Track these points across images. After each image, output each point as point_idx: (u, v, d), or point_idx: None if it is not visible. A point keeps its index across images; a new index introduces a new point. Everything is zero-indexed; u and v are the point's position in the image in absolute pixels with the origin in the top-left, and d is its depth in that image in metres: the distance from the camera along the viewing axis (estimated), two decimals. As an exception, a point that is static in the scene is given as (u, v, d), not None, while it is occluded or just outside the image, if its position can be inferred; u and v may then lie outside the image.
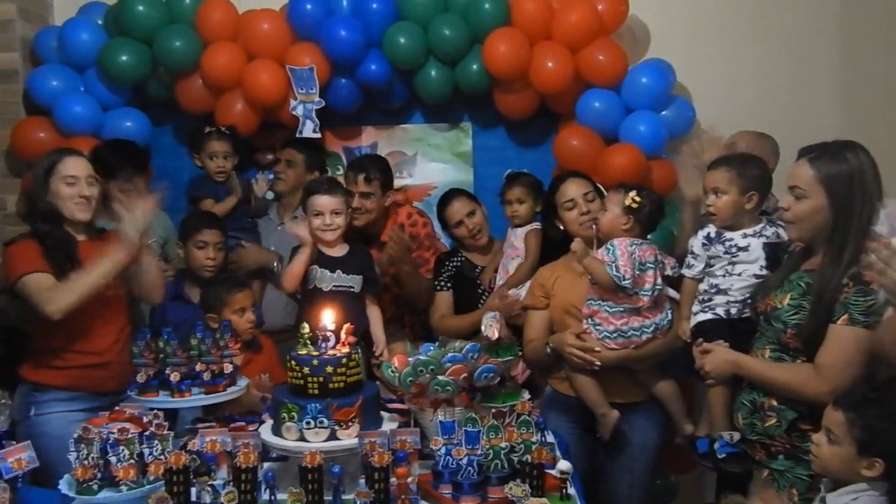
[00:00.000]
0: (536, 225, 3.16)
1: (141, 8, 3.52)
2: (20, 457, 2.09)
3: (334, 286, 2.92)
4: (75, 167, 2.63)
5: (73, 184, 2.60)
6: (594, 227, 2.71)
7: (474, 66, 3.54)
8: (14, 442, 2.14)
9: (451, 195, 3.35)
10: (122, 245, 2.53)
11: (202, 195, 3.48)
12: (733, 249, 2.39)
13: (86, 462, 1.93)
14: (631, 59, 3.56)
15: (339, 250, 2.98)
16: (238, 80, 3.53)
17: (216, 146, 3.48)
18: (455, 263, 3.32)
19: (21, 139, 3.58)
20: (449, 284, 3.29)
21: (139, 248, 2.61)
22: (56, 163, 2.61)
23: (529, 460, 1.95)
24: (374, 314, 3.03)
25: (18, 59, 3.69)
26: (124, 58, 3.51)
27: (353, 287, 2.95)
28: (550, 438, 2.35)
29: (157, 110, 3.79)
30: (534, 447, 1.98)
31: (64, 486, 1.96)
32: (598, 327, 2.57)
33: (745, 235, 2.39)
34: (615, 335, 2.55)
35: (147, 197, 2.65)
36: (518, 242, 3.17)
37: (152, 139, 3.74)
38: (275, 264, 3.35)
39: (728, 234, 2.41)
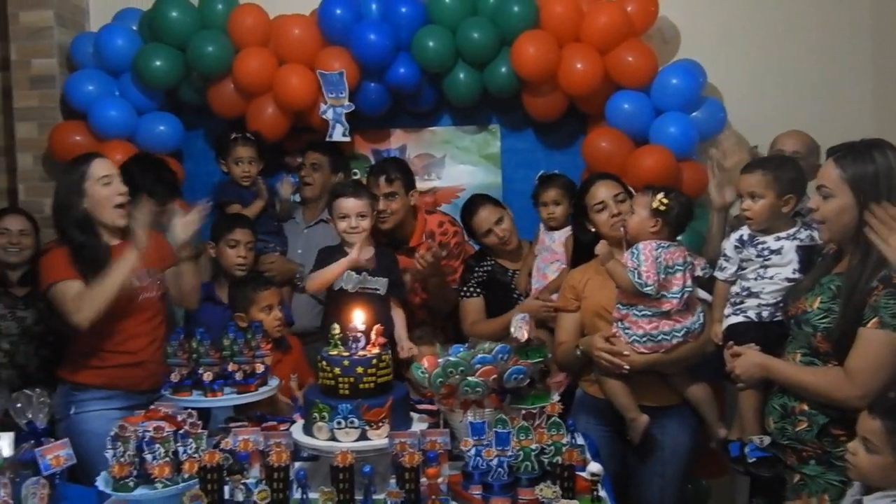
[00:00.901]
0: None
1: (174, 14, 3.58)
2: (59, 454, 2.14)
3: (360, 288, 2.93)
4: (106, 167, 2.69)
5: (109, 183, 2.66)
6: (622, 228, 2.70)
7: (503, 69, 3.55)
8: (53, 440, 2.19)
9: (476, 203, 3.29)
10: (134, 245, 2.58)
11: (229, 200, 3.52)
12: (765, 252, 2.37)
13: (122, 460, 1.96)
14: (660, 60, 3.54)
15: (364, 253, 2.99)
16: (269, 85, 3.57)
17: (241, 151, 3.51)
18: (485, 269, 3.29)
19: (58, 143, 3.65)
20: (479, 290, 3.26)
21: (178, 256, 2.70)
22: (87, 168, 2.66)
23: (560, 462, 1.95)
24: (399, 317, 3.03)
25: (56, 65, 3.77)
26: (158, 63, 3.57)
27: (378, 289, 2.96)
28: (580, 440, 2.35)
29: (189, 114, 3.85)
30: (564, 449, 1.98)
31: (101, 482, 2.00)
32: (627, 331, 2.56)
33: (779, 238, 2.37)
34: (644, 339, 2.54)
35: (193, 210, 2.73)
36: (557, 247, 3.11)
37: (184, 143, 3.81)
38: (298, 275, 3.40)
39: (761, 238, 2.38)
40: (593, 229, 2.86)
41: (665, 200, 2.53)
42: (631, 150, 3.43)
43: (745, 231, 2.43)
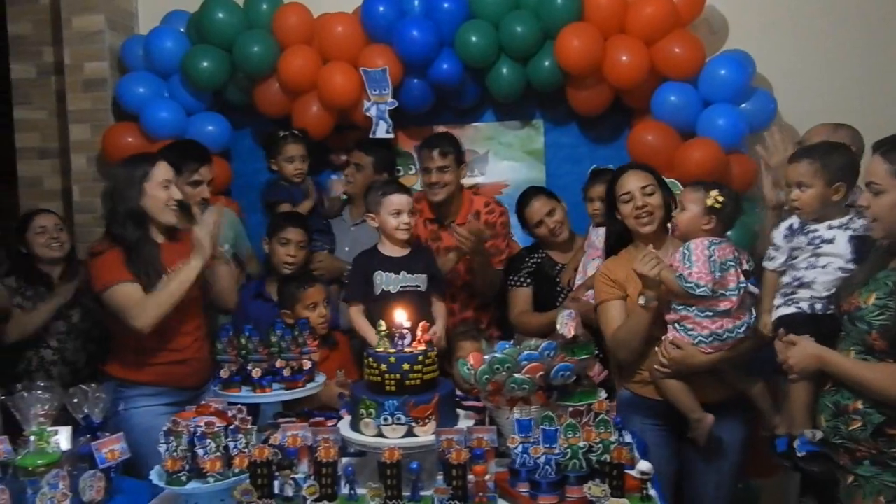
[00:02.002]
0: None
1: (221, 15, 3.64)
2: (114, 448, 2.19)
3: (401, 287, 2.94)
4: (167, 172, 2.74)
5: (168, 187, 2.72)
6: (669, 226, 2.64)
7: (546, 63, 3.53)
8: (108, 434, 2.25)
9: (530, 194, 3.33)
10: (197, 253, 2.63)
11: (278, 199, 3.56)
12: (817, 241, 2.29)
13: (175, 454, 2.00)
14: (707, 51, 3.47)
15: (401, 251, 3.00)
16: (313, 83, 3.61)
17: (292, 149, 3.55)
18: (535, 260, 3.31)
19: (111, 144, 3.74)
20: (528, 280, 3.28)
21: (212, 257, 2.72)
22: (150, 169, 2.71)
23: (609, 460, 1.93)
24: (440, 310, 3.04)
25: (107, 68, 3.86)
26: (205, 64, 3.63)
27: (419, 286, 2.96)
28: (628, 439, 2.31)
29: (236, 114, 3.91)
30: (612, 447, 1.96)
31: (154, 476, 2.04)
32: (690, 332, 2.49)
33: (831, 227, 2.29)
34: (711, 339, 2.47)
35: (218, 205, 2.76)
36: (600, 243, 3.07)
37: (232, 142, 3.87)
38: (345, 273, 3.41)
39: (812, 226, 2.31)
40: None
41: (720, 197, 2.46)
42: (678, 144, 3.37)
43: (794, 219, 2.36)
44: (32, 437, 2.14)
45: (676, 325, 2.53)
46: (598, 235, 3.12)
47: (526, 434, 2.03)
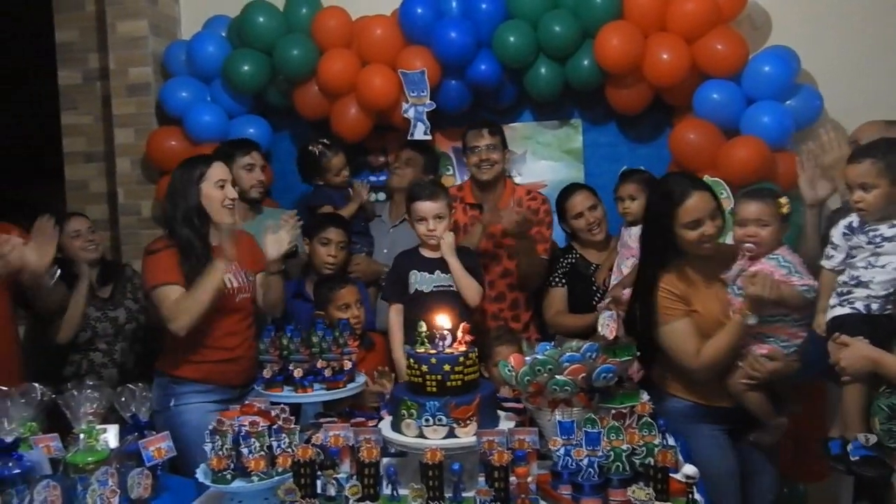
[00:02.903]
0: None
1: (261, 19, 3.68)
2: (160, 446, 2.23)
3: (434, 287, 2.94)
4: (223, 172, 2.80)
5: (223, 186, 2.77)
6: (751, 246, 2.47)
7: (585, 62, 3.50)
8: (154, 432, 2.29)
9: (574, 187, 3.41)
10: (223, 255, 2.66)
11: (320, 203, 3.58)
12: (877, 240, 2.24)
13: (220, 453, 2.03)
14: (750, 47, 3.41)
15: (439, 251, 3.00)
16: (352, 86, 3.63)
17: (337, 162, 3.58)
18: (570, 260, 3.32)
19: (155, 148, 3.82)
20: (563, 281, 3.30)
21: (268, 269, 2.82)
22: (206, 170, 2.77)
23: (653, 463, 1.90)
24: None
25: (151, 73, 3.94)
26: (246, 68, 3.68)
27: (452, 286, 2.96)
28: (671, 442, 2.28)
29: (276, 117, 3.96)
30: (657, 450, 1.93)
31: (200, 474, 2.07)
32: (783, 343, 2.44)
33: (893, 226, 2.23)
34: (797, 347, 2.44)
35: (284, 227, 2.83)
36: (633, 242, 3.08)
37: (272, 144, 3.91)
38: (383, 275, 3.43)
39: (873, 224, 2.26)
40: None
41: (786, 201, 2.42)
42: (721, 142, 3.32)
43: (854, 218, 2.31)
44: (82, 435, 2.20)
45: (767, 337, 2.45)
46: (630, 235, 3.12)
47: (568, 436, 2.01)
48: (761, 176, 3.17)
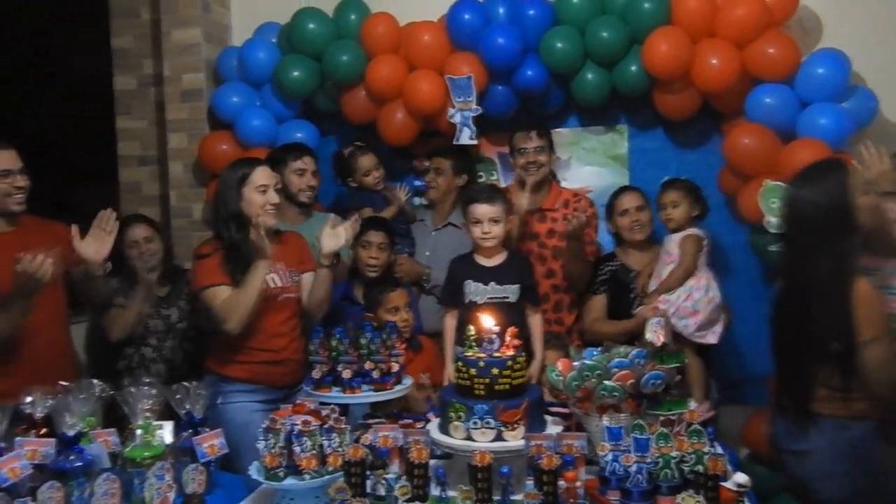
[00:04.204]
0: (694, 230, 3.10)
1: (311, 26, 3.75)
2: (213, 443, 2.29)
3: (488, 298, 2.93)
4: (265, 177, 2.83)
5: (265, 191, 2.80)
6: None
7: (633, 68, 3.49)
8: (207, 429, 2.35)
9: (626, 188, 3.47)
10: (261, 254, 2.70)
11: (357, 206, 3.61)
12: None
13: (273, 450, 2.07)
14: (802, 50, 3.37)
15: (496, 259, 2.99)
16: (399, 91, 3.67)
17: (365, 162, 3.63)
18: (610, 268, 3.34)
19: (206, 152, 3.90)
20: (603, 288, 3.32)
21: (319, 263, 2.83)
22: (248, 173, 2.81)
23: (703, 471, 1.89)
24: (536, 323, 2.98)
25: (203, 79, 4.02)
26: (296, 73, 3.75)
27: (507, 297, 2.93)
28: (719, 450, 2.26)
29: (323, 122, 4.02)
30: (706, 458, 1.92)
31: (253, 471, 2.12)
32: None
33: None
34: None
35: (345, 224, 2.88)
36: (673, 248, 3.11)
37: (319, 149, 3.95)
38: (425, 277, 3.48)
39: None
40: None
41: None
42: (778, 146, 3.28)
43: None
44: (139, 431, 2.26)
45: None
46: (671, 241, 3.14)
47: (616, 442, 2.01)
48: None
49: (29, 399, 2.23)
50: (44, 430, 2.19)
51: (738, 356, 3.60)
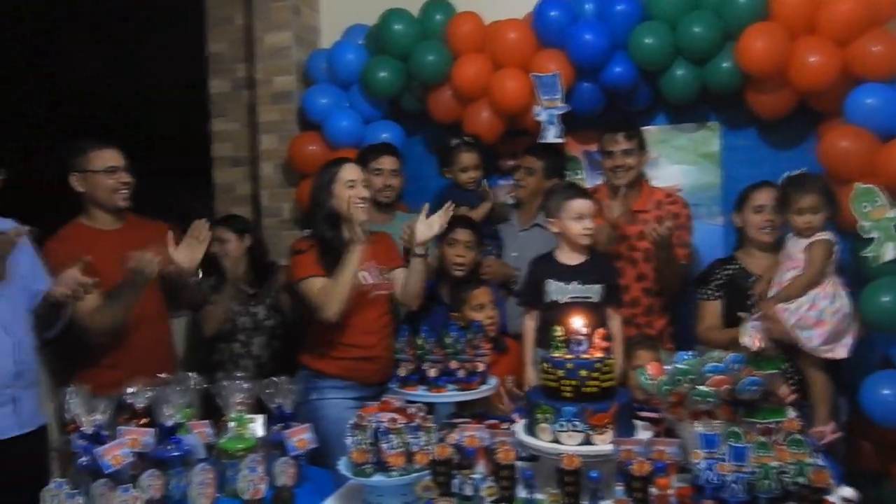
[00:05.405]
0: (824, 234, 2.82)
1: (398, 26, 3.78)
2: (303, 437, 2.34)
3: (570, 298, 2.91)
4: (353, 173, 2.92)
5: (353, 186, 2.88)
6: None
7: (725, 64, 3.38)
8: (297, 423, 2.40)
9: (767, 182, 3.11)
10: (354, 242, 2.75)
11: (456, 205, 3.59)
12: None
13: (361, 447, 2.10)
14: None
15: (578, 258, 2.97)
16: (485, 90, 3.66)
17: (466, 159, 3.60)
18: (728, 272, 3.11)
19: (296, 153, 3.99)
20: (719, 293, 3.10)
21: (413, 253, 2.88)
22: (337, 171, 2.91)
23: (806, 483, 1.81)
24: (616, 328, 2.95)
25: (293, 81, 4.11)
26: (383, 74, 3.79)
27: (591, 297, 2.91)
28: (822, 462, 2.16)
29: (409, 122, 4.05)
30: (809, 469, 1.84)
31: (342, 466, 2.15)
32: None
33: None
34: None
35: (436, 215, 2.92)
36: (798, 253, 2.85)
37: (405, 148, 3.99)
38: (513, 279, 3.44)
39: None
40: None
41: None
42: (877, 148, 3.09)
43: None
44: (232, 423, 2.34)
45: None
46: (796, 246, 2.88)
47: (711, 449, 1.94)
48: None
49: (131, 390, 2.33)
50: (144, 420, 2.29)
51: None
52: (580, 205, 2.91)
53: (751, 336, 2.31)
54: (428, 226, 2.90)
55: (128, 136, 3.15)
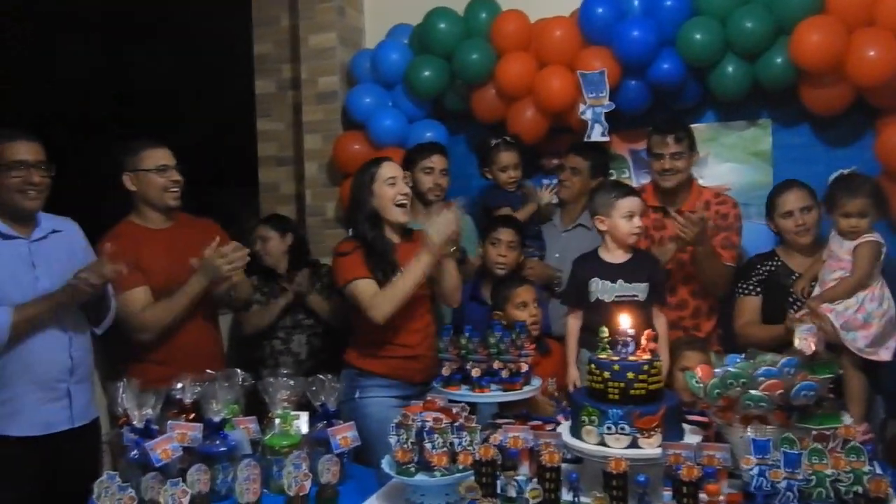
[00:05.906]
0: (872, 236, 2.75)
1: (442, 25, 3.78)
2: (346, 435, 2.35)
3: (616, 296, 2.87)
4: (392, 170, 2.91)
5: (394, 184, 2.87)
6: None
7: (778, 60, 3.30)
8: (341, 421, 2.41)
9: (791, 183, 3.07)
10: (428, 249, 2.73)
11: (498, 205, 3.58)
12: None
13: (405, 446, 2.09)
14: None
15: (622, 255, 2.93)
16: (529, 88, 3.63)
17: (505, 158, 3.56)
18: (769, 267, 3.06)
19: (340, 152, 4.02)
20: (758, 289, 3.06)
21: (442, 254, 2.79)
22: (376, 170, 2.90)
23: (863, 492, 1.75)
24: (661, 326, 2.90)
25: (338, 82, 4.14)
26: (426, 73, 3.79)
27: (637, 296, 2.88)
28: (879, 470, 2.08)
29: (453, 121, 4.04)
30: (867, 478, 1.77)
31: (385, 465, 2.15)
32: None
33: None
34: None
35: (451, 206, 2.84)
36: (845, 254, 2.79)
37: (448, 148, 3.98)
38: (556, 280, 3.41)
39: None
40: None
41: None
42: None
43: None
44: (277, 420, 2.36)
45: None
46: (840, 245, 2.82)
47: (763, 455, 1.89)
48: None
49: (179, 385, 2.37)
50: (192, 416, 2.32)
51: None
52: (631, 203, 2.87)
53: (804, 340, 2.24)
54: (440, 225, 2.76)
55: (176, 138, 3.20)
